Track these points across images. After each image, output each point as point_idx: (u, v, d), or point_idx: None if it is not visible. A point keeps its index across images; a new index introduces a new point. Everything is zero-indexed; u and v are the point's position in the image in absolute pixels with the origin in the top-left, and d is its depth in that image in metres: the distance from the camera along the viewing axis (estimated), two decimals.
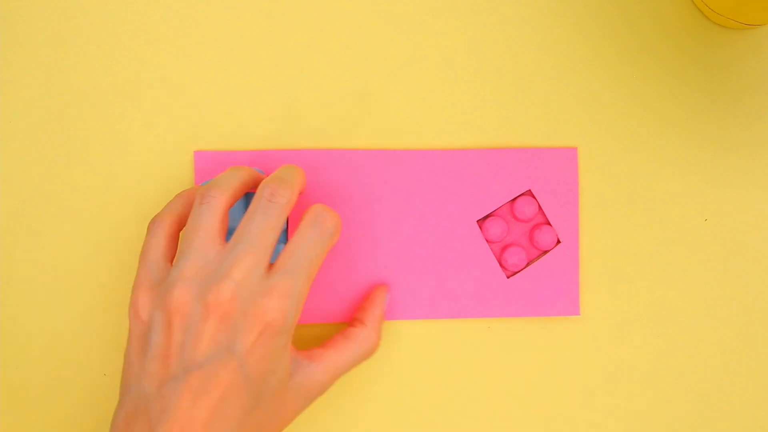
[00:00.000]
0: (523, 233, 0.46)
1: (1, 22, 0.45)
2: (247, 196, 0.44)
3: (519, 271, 0.45)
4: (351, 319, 0.44)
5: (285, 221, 0.39)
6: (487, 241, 0.45)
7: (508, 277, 0.45)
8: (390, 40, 0.46)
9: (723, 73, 0.46)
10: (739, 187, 0.46)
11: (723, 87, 0.46)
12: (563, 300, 0.45)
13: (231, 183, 0.39)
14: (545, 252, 0.46)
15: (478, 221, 0.45)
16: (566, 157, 0.45)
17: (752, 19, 0.44)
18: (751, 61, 0.46)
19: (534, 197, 0.45)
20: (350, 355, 0.41)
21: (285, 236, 0.44)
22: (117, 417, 0.37)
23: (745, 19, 0.44)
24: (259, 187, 0.39)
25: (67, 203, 0.45)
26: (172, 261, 0.40)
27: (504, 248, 0.45)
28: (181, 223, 0.40)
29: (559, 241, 0.45)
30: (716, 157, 0.46)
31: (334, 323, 0.45)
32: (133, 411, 0.36)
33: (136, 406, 0.36)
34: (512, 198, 0.45)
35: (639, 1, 0.46)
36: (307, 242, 0.38)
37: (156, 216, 0.40)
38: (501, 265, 0.45)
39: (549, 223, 0.45)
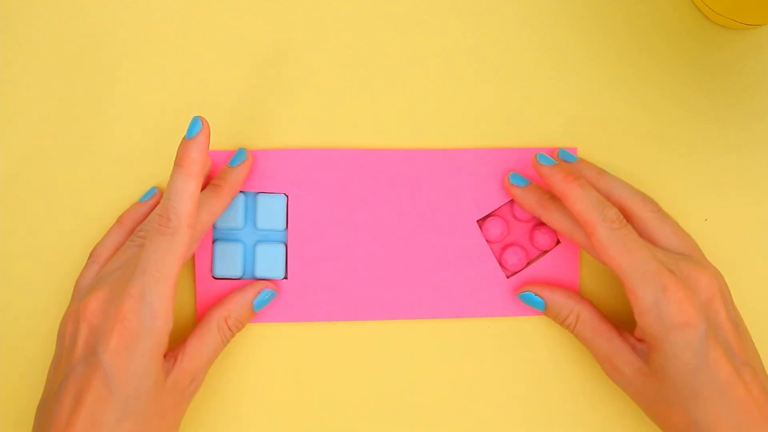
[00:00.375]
0: (523, 233, 0.46)
1: (1, 22, 0.45)
2: (245, 194, 0.44)
3: (519, 271, 0.45)
4: None
5: (176, 244, 0.39)
6: (487, 241, 0.45)
7: (508, 277, 0.45)
8: (390, 40, 0.46)
9: (723, 73, 0.46)
10: (739, 187, 0.46)
11: (723, 87, 0.46)
12: None
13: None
14: (545, 252, 0.46)
15: (478, 221, 0.45)
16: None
17: (752, 19, 0.44)
18: (751, 61, 0.46)
19: None
20: (210, 339, 0.42)
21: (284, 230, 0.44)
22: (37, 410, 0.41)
23: (745, 19, 0.44)
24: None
25: (67, 202, 0.45)
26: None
27: (504, 248, 0.45)
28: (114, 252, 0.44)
29: (558, 242, 0.45)
30: (716, 157, 0.46)
31: (336, 322, 0.45)
32: (38, 417, 0.40)
33: (39, 411, 0.40)
34: (512, 198, 0.45)
35: (639, 1, 0.46)
36: (151, 247, 0.39)
37: (96, 247, 0.44)
38: (501, 265, 0.45)
39: None
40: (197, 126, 0.39)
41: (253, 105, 0.46)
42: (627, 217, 0.42)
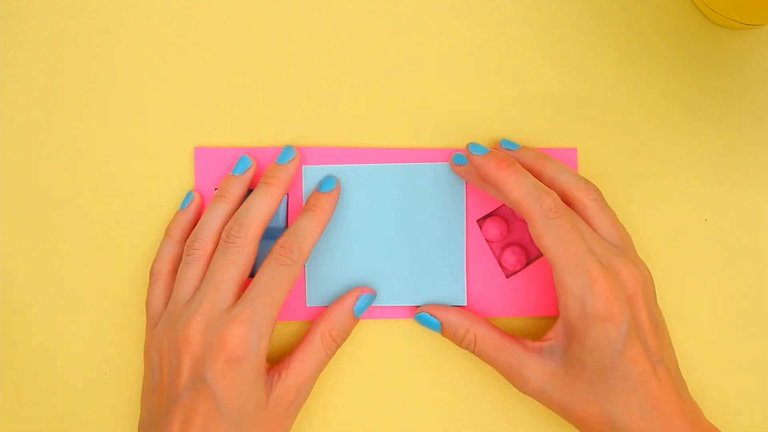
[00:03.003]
0: (522, 233, 0.46)
1: (1, 22, 0.45)
2: (246, 193, 0.44)
3: (518, 271, 0.45)
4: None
5: (248, 257, 0.41)
6: (486, 240, 0.45)
7: (507, 277, 0.45)
8: (390, 40, 0.46)
9: (723, 73, 0.46)
10: (739, 187, 0.46)
11: (723, 87, 0.46)
12: None
13: (211, 229, 0.43)
14: None
15: (478, 221, 0.45)
16: (566, 157, 0.45)
17: (752, 19, 0.44)
18: (751, 61, 0.46)
19: None
20: (315, 354, 0.42)
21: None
22: None
23: (745, 19, 0.44)
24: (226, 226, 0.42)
25: (67, 201, 0.45)
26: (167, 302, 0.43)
27: (504, 248, 0.45)
28: (175, 268, 0.44)
29: None
30: (716, 157, 0.46)
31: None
32: None
33: None
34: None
35: (639, 1, 0.46)
36: (270, 273, 0.41)
37: (153, 265, 0.44)
38: (500, 264, 0.45)
39: None
40: (331, 184, 0.44)
41: (254, 104, 0.46)
42: (569, 203, 0.42)
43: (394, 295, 0.45)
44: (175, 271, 0.44)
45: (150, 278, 0.44)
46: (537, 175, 0.43)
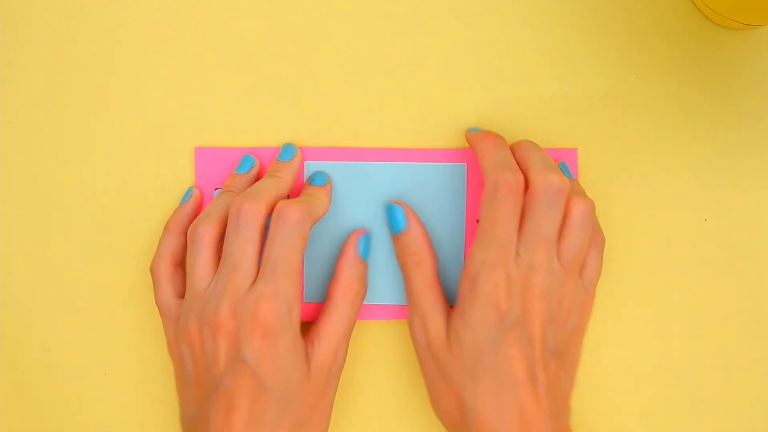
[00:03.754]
0: None
1: (1, 22, 0.45)
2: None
3: None
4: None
5: (261, 233, 0.41)
6: None
7: None
8: (390, 40, 0.46)
9: (723, 73, 0.46)
10: (739, 187, 0.46)
11: (723, 87, 0.46)
12: None
13: (216, 214, 0.42)
14: None
15: (477, 221, 0.45)
16: (566, 158, 0.45)
17: (752, 19, 0.44)
18: (751, 61, 0.46)
19: None
20: (342, 313, 0.42)
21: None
22: None
23: (745, 19, 0.44)
24: (230, 205, 0.41)
25: (67, 201, 0.45)
26: (182, 296, 0.43)
27: None
28: (176, 261, 0.43)
29: None
30: (716, 157, 0.46)
31: None
32: (188, 428, 0.41)
33: (189, 425, 0.41)
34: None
35: (639, 1, 0.46)
36: (278, 243, 0.40)
37: (153, 262, 0.43)
38: None
39: None
40: (323, 179, 0.44)
41: (254, 104, 0.46)
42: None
43: (392, 293, 0.45)
44: (176, 264, 0.43)
45: (153, 276, 0.43)
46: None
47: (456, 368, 0.40)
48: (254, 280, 0.40)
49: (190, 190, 0.45)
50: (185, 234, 0.43)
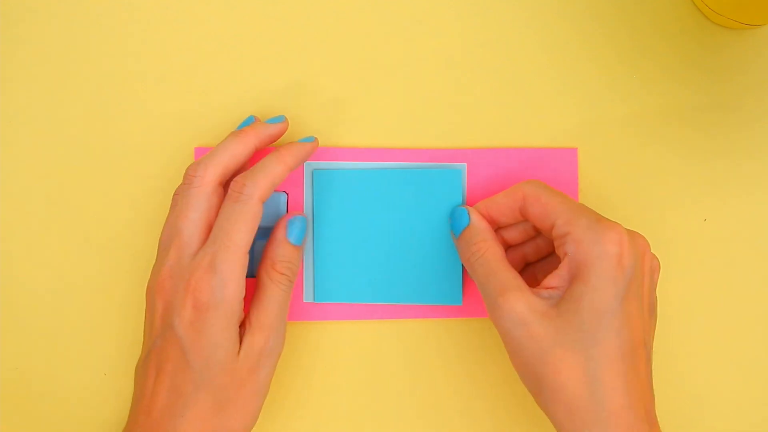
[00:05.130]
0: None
1: (1, 22, 0.45)
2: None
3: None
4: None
5: (209, 195, 0.40)
6: None
7: None
8: (390, 40, 0.46)
9: (723, 73, 0.46)
10: (739, 187, 0.46)
11: (723, 87, 0.46)
12: None
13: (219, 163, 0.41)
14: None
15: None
16: (566, 157, 0.45)
17: (752, 19, 0.44)
18: (751, 61, 0.46)
19: None
20: (269, 294, 0.41)
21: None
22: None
23: (745, 19, 0.44)
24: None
25: (67, 201, 0.45)
26: None
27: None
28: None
29: None
30: (716, 157, 0.46)
31: (332, 321, 0.45)
32: (135, 376, 0.41)
33: (135, 374, 0.41)
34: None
35: (639, 1, 0.46)
36: (223, 216, 0.39)
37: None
38: None
39: None
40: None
41: (254, 104, 0.46)
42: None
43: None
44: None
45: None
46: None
47: (574, 333, 0.37)
48: (198, 249, 0.39)
49: (250, 117, 0.44)
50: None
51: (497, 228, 0.43)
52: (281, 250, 0.41)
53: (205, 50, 0.46)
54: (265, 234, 0.44)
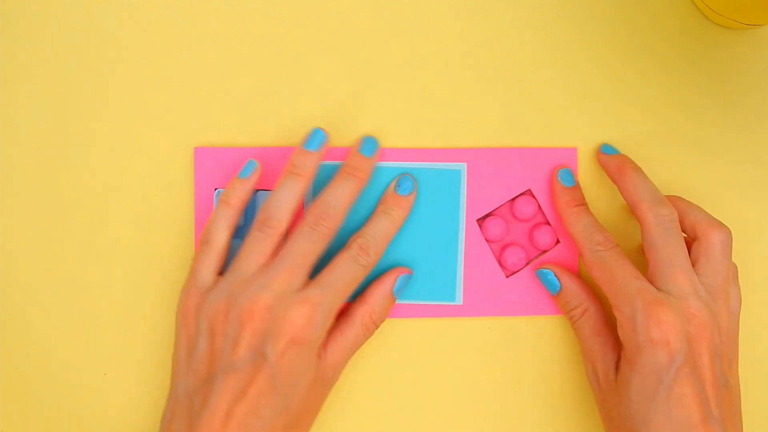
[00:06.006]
0: (522, 233, 0.46)
1: (1, 22, 0.45)
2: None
3: (518, 271, 0.45)
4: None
5: (327, 246, 0.42)
6: (486, 240, 0.45)
7: (507, 277, 0.45)
8: (390, 40, 0.46)
9: (723, 72, 0.46)
10: (739, 187, 0.46)
11: (723, 87, 0.46)
12: None
13: (288, 210, 0.42)
14: (544, 252, 0.46)
15: (477, 220, 0.45)
16: (566, 157, 0.45)
17: (752, 19, 0.44)
18: (751, 61, 0.46)
19: (534, 197, 0.45)
20: (354, 336, 0.43)
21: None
22: (165, 411, 0.41)
23: (745, 19, 0.44)
24: (305, 212, 0.42)
25: (67, 201, 0.45)
26: (219, 272, 0.43)
27: (503, 248, 0.45)
28: (230, 236, 0.43)
29: (558, 241, 0.45)
30: (716, 157, 0.46)
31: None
32: (178, 405, 0.40)
33: (181, 400, 0.40)
34: (512, 197, 0.45)
35: (639, 1, 0.46)
36: (346, 267, 0.41)
37: (210, 231, 0.43)
38: (500, 264, 0.45)
39: (548, 223, 0.45)
40: (409, 186, 0.44)
41: (254, 104, 0.46)
42: (695, 237, 0.42)
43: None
44: (229, 239, 0.43)
45: (203, 243, 0.43)
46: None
47: (625, 413, 0.39)
48: (303, 287, 0.40)
49: (251, 162, 0.44)
50: (242, 209, 0.43)
51: None
52: (384, 302, 0.44)
53: (206, 50, 0.46)
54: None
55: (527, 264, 0.45)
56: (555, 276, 0.44)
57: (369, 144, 0.44)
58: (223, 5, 0.46)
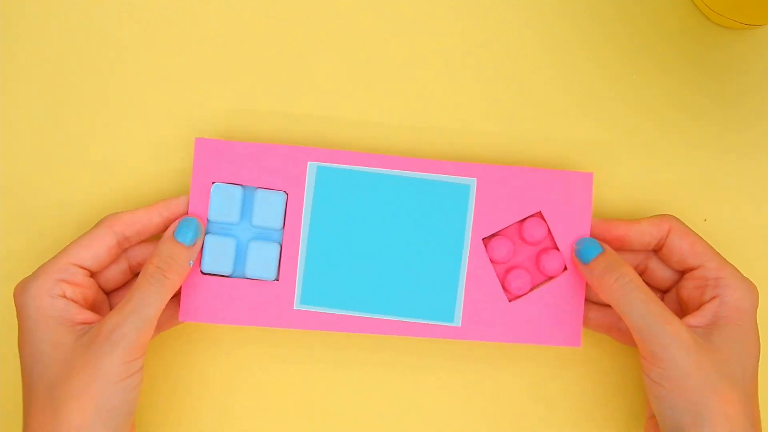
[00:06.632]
0: (529, 256, 0.44)
1: (1, 22, 0.46)
2: (244, 188, 0.43)
3: (522, 296, 0.43)
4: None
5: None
6: (491, 260, 0.43)
7: (510, 301, 0.43)
8: (390, 40, 0.46)
9: (723, 72, 0.46)
10: (739, 187, 0.46)
11: (723, 87, 0.46)
12: (565, 330, 0.43)
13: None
14: (551, 278, 0.43)
15: (483, 239, 0.44)
16: (581, 182, 0.43)
17: (752, 19, 0.44)
18: (751, 61, 0.46)
19: (544, 220, 0.43)
20: (138, 289, 0.40)
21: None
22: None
23: (745, 19, 0.44)
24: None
25: (66, 196, 0.45)
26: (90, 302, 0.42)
27: (508, 270, 0.43)
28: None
29: (566, 268, 0.43)
30: (716, 157, 0.46)
31: (328, 332, 0.45)
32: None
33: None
34: (521, 218, 0.43)
35: (639, 1, 0.46)
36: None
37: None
38: (504, 287, 0.43)
39: (557, 248, 0.43)
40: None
41: (254, 103, 0.46)
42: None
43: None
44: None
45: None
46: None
47: (730, 371, 0.39)
48: None
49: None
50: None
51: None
52: (164, 246, 0.41)
53: (206, 44, 0.46)
54: (264, 235, 0.43)
55: (531, 290, 0.43)
56: (597, 240, 0.42)
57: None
58: (223, 5, 0.46)
